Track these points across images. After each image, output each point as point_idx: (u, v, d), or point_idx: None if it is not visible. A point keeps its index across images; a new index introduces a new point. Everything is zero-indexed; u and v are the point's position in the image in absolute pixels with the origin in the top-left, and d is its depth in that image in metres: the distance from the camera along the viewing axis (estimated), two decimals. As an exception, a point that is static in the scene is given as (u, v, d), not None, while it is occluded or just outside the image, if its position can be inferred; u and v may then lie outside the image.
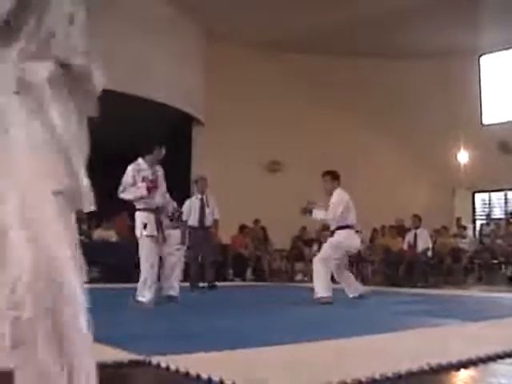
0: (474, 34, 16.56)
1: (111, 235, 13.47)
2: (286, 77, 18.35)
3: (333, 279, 7.63)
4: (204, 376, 2.56)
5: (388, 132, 18.34)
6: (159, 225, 6.67)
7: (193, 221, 10.69)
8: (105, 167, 18.52)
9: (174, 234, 7.08)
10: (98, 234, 13.44)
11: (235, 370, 2.72)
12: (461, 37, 16.95)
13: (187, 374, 2.66)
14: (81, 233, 13.32)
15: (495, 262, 14.44)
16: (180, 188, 16.68)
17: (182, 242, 7.74)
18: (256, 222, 15.13)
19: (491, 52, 18.43)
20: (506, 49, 18.11)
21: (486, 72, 18.77)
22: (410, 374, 2.75)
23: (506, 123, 17.87)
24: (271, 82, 18.11)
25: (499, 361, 3.24)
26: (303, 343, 3.60)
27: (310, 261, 8.68)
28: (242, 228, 15.03)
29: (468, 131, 17.67)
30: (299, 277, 14.62)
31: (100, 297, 8.32)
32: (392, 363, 2.90)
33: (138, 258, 6.67)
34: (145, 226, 6.58)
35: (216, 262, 11.53)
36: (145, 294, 6.45)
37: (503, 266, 14.60)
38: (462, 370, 2.97)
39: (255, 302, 8.04)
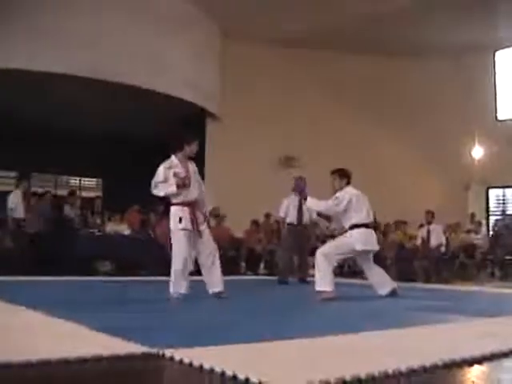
0: (488, 29, 16.52)
1: (123, 228, 13.52)
2: (302, 73, 18.35)
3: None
4: (218, 370, 2.57)
5: (402, 128, 18.33)
6: (194, 219, 6.67)
7: (291, 218, 11.11)
8: (117, 160, 18.72)
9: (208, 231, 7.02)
10: (111, 227, 13.50)
11: (249, 363, 2.72)
12: (475, 32, 16.88)
13: (201, 367, 2.66)
14: (94, 226, 13.43)
15: (509, 258, 14.38)
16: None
17: None
18: (267, 216, 15.14)
19: (506, 47, 18.32)
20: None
21: (501, 67, 18.68)
22: (423, 370, 2.75)
23: (521, 119, 17.82)
24: (286, 78, 18.13)
25: (513, 357, 3.24)
26: (314, 338, 3.60)
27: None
28: (254, 223, 15.06)
29: (482, 126, 17.62)
30: (312, 271, 14.58)
31: (113, 290, 8.38)
32: (405, 358, 2.90)
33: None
34: (180, 220, 6.61)
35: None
36: (177, 288, 6.53)
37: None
38: (476, 366, 2.95)
39: (270, 296, 8.04)
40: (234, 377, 2.47)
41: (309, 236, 11.72)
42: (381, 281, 7.60)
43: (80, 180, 20.77)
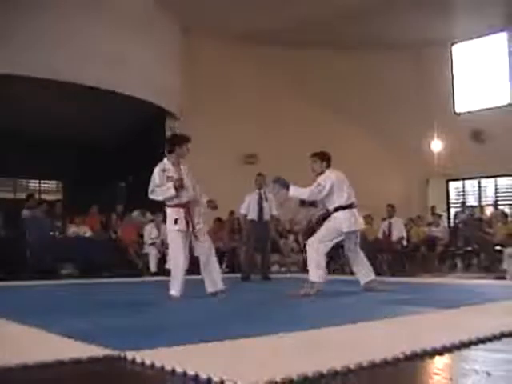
0: (445, 23, 16.68)
1: (85, 231, 13.40)
2: (262, 70, 18.37)
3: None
4: (179, 370, 2.56)
5: (362, 122, 18.43)
6: (190, 220, 6.77)
7: (252, 215, 11.20)
8: (78, 161, 18.54)
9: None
10: (72, 229, 13.36)
11: (211, 363, 2.71)
12: (433, 26, 17.05)
13: (162, 368, 2.65)
14: (55, 229, 13.27)
15: (469, 249, 14.56)
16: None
17: None
18: (231, 213, 15.17)
19: (463, 41, 18.53)
20: (478, 37, 18.23)
21: (459, 61, 18.88)
22: (385, 363, 2.76)
23: (478, 112, 18.02)
24: (247, 76, 18.13)
25: (473, 347, 3.28)
26: (280, 334, 3.60)
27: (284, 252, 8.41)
28: (218, 220, 15.04)
29: (441, 120, 17.83)
30: (275, 268, 14.63)
31: (75, 293, 8.29)
32: (367, 352, 2.91)
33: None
34: (175, 221, 6.73)
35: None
36: (174, 288, 6.63)
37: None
38: (437, 357, 2.99)
39: (235, 294, 8.03)
40: (196, 376, 2.46)
41: (269, 232, 11.75)
42: (363, 269, 7.70)
43: (40, 183, 20.50)
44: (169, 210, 6.87)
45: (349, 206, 7.50)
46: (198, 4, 15.73)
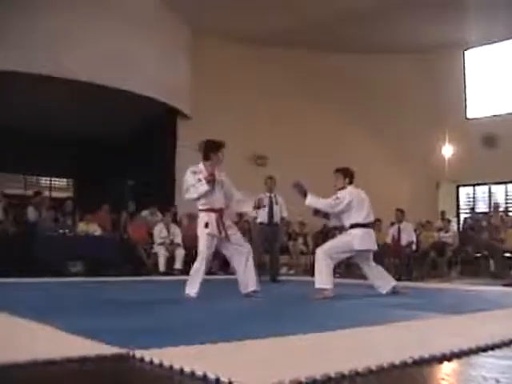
0: (458, 28, 16.66)
1: (95, 229, 13.41)
2: (273, 71, 18.39)
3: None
4: (187, 370, 2.56)
5: (373, 126, 18.41)
6: (221, 224, 6.81)
7: (262, 217, 11.21)
8: (88, 160, 18.57)
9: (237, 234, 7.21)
10: (82, 227, 13.37)
11: (219, 363, 2.71)
12: (446, 31, 17.03)
13: (171, 367, 2.65)
14: (65, 226, 13.29)
15: (478, 255, 14.51)
16: (165, 179, 16.73)
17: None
18: (241, 215, 15.15)
19: (476, 46, 18.49)
20: (491, 43, 18.19)
21: (471, 66, 18.84)
22: (393, 367, 2.76)
23: (490, 117, 17.99)
24: (258, 77, 18.15)
25: (481, 353, 3.27)
26: (286, 336, 3.60)
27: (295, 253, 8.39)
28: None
29: (452, 125, 17.79)
30: (284, 270, 14.62)
31: (84, 291, 8.30)
32: (375, 356, 2.91)
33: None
34: (206, 225, 6.74)
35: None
36: (193, 287, 6.64)
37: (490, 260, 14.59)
38: (445, 363, 2.98)
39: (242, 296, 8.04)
40: (204, 376, 2.46)
41: (279, 234, 11.77)
42: (381, 279, 7.68)
43: (51, 180, 20.55)
44: (200, 215, 6.89)
45: (366, 225, 7.49)
46: (206, 6, 15.75)
